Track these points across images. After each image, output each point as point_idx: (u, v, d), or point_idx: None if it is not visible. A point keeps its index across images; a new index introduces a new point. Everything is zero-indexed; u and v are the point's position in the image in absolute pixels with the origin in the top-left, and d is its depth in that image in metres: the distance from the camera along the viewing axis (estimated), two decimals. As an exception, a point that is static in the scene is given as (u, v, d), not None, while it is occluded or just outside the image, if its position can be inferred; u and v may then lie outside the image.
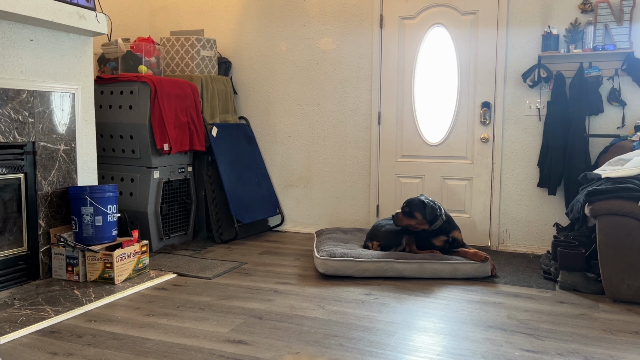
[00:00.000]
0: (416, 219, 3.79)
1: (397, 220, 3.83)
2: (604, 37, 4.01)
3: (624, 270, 3.13)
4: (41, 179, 3.50)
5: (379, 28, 4.75)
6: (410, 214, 3.80)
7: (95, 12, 3.64)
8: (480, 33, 4.45)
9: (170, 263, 3.97)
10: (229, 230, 4.76)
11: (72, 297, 3.18)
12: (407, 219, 3.81)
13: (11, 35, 3.28)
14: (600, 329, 2.77)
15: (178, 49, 4.87)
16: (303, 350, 2.50)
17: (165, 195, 4.44)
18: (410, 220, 3.80)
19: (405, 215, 3.81)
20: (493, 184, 4.51)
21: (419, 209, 3.79)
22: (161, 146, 4.27)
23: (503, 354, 2.47)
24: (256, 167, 5.13)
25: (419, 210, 3.78)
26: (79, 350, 2.49)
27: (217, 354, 2.45)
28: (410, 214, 3.80)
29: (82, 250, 3.48)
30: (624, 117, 4.09)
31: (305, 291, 3.37)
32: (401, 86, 4.75)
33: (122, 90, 4.32)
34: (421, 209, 3.78)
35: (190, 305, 3.11)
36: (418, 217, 3.78)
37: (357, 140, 4.92)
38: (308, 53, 5.02)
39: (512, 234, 4.49)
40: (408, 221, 3.81)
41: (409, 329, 2.79)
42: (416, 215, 3.78)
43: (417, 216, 3.78)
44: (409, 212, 3.80)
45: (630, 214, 3.09)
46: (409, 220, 3.80)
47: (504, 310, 3.05)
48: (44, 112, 3.50)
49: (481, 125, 4.51)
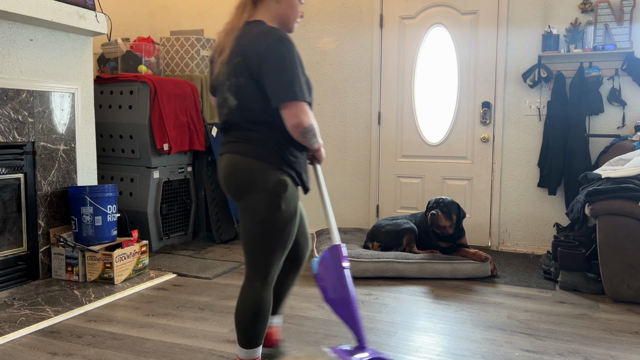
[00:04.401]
0: (451, 221, 3.70)
1: (438, 220, 3.67)
2: (604, 37, 4.01)
3: (624, 270, 3.13)
4: (41, 179, 3.50)
5: (379, 28, 4.75)
6: (449, 215, 3.69)
7: (95, 12, 3.64)
8: (481, 33, 4.45)
9: (170, 263, 3.97)
10: (229, 230, 4.76)
11: (72, 297, 3.18)
12: (445, 220, 3.69)
13: (11, 35, 3.28)
14: (600, 329, 2.77)
15: (178, 49, 4.87)
16: (303, 350, 2.50)
17: (165, 195, 4.44)
18: (447, 221, 3.69)
19: (445, 215, 3.69)
20: (493, 184, 4.51)
21: (455, 210, 3.69)
22: (161, 146, 4.27)
23: (503, 354, 2.47)
24: (256, 167, 5.11)
25: (455, 212, 3.69)
26: (79, 350, 2.48)
27: (217, 354, 2.45)
28: (449, 215, 3.69)
29: (81, 250, 3.48)
30: (624, 117, 4.08)
31: (305, 291, 3.37)
32: (401, 86, 4.74)
33: (121, 90, 4.32)
34: (456, 211, 3.70)
35: (190, 305, 3.10)
36: (454, 219, 3.70)
37: (357, 140, 4.92)
38: (308, 53, 5.02)
39: (512, 234, 4.49)
40: (445, 222, 3.69)
41: (409, 329, 2.78)
42: (453, 218, 3.69)
43: (453, 218, 3.69)
44: (449, 213, 3.68)
45: (630, 214, 3.09)
46: (446, 222, 3.69)
47: (504, 310, 3.05)
48: (44, 112, 3.50)
49: (481, 125, 4.51)
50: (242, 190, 1.91)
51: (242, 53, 1.87)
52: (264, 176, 1.88)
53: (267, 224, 1.89)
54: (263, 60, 1.82)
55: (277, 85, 1.82)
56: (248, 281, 1.96)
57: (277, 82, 1.81)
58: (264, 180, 1.88)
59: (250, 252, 1.94)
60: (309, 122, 1.85)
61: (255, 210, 1.89)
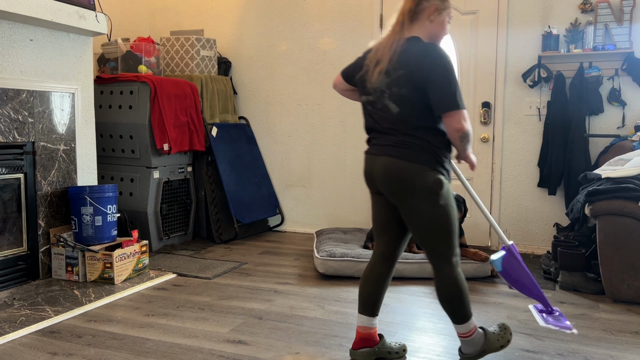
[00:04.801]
0: (460, 214, 3.74)
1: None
2: (604, 37, 4.01)
3: (624, 270, 3.13)
4: (41, 179, 3.50)
5: (379, 28, 4.75)
6: (460, 208, 3.71)
7: (95, 12, 3.64)
8: (480, 33, 4.45)
9: (170, 263, 3.97)
10: (229, 230, 4.76)
11: (72, 297, 3.18)
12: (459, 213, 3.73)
13: (11, 35, 3.28)
14: (600, 329, 2.77)
15: (178, 49, 4.87)
16: (303, 350, 2.50)
17: (165, 195, 4.44)
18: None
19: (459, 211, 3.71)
20: (493, 184, 4.51)
21: (463, 205, 3.72)
22: (161, 146, 4.27)
23: (503, 354, 2.47)
24: (256, 167, 5.12)
25: (463, 207, 3.73)
26: (79, 350, 2.48)
27: (217, 354, 2.45)
28: (460, 208, 3.71)
29: (81, 250, 3.48)
30: (624, 117, 4.08)
31: (305, 291, 3.37)
32: (401, 86, 4.74)
33: (122, 90, 4.32)
34: (463, 207, 3.74)
35: (190, 305, 3.10)
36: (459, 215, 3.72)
37: (357, 140, 4.92)
38: (308, 53, 5.02)
39: (512, 234, 4.49)
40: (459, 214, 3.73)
41: (409, 329, 2.78)
42: (463, 209, 3.74)
43: (461, 212, 3.74)
44: (459, 207, 3.70)
45: (630, 214, 3.09)
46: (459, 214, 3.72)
47: (504, 310, 3.05)
48: (44, 112, 3.50)
49: (481, 125, 4.51)
50: (404, 191, 2.15)
51: (406, 66, 2.11)
52: (423, 177, 2.12)
53: (433, 220, 2.15)
54: (430, 74, 2.07)
55: (442, 96, 2.06)
56: (438, 271, 2.21)
57: (442, 93, 2.06)
58: (423, 180, 2.12)
59: (428, 247, 2.20)
60: (468, 128, 2.11)
61: (420, 209, 2.15)
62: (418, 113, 2.12)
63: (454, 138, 2.12)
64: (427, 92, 2.09)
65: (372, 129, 2.28)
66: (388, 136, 2.19)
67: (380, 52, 2.20)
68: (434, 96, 2.08)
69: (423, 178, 2.11)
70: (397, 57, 2.14)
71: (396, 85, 2.13)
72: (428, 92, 2.08)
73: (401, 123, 2.15)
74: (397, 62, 2.13)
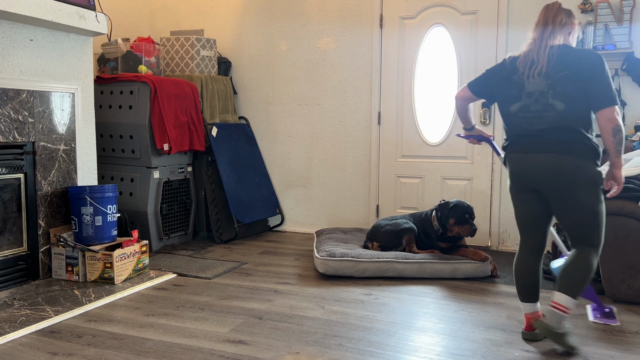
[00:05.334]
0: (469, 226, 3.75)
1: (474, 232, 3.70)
2: (604, 37, 4.01)
3: (624, 270, 3.13)
4: (41, 179, 3.50)
5: (379, 28, 4.75)
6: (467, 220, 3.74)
7: (95, 12, 3.64)
8: (480, 33, 4.45)
9: (170, 263, 3.97)
10: (229, 230, 4.76)
11: (72, 297, 3.18)
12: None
13: (11, 35, 3.28)
14: (600, 329, 2.77)
15: (178, 49, 4.87)
16: (303, 350, 2.50)
17: (165, 195, 4.44)
18: None
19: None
20: (493, 184, 4.51)
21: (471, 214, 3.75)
22: (161, 146, 4.27)
23: (503, 354, 2.47)
24: (256, 167, 5.13)
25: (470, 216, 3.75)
26: (79, 350, 2.48)
27: (217, 354, 2.45)
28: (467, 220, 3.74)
29: (82, 250, 3.48)
30: (624, 117, 4.08)
31: (305, 291, 3.37)
32: (401, 86, 4.74)
33: (122, 90, 4.32)
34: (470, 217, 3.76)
35: (190, 305, 3.11)
36: None
37: (357, 140, 4.92)
38: (308, 53, 5.02)
39: (512, 234, 4.49)
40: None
41: (409, 329, 2.79)
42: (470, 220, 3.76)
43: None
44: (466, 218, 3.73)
45: (630, 214, 3.09)
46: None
47: (504, 310, 3.05)
48: (44, 112, 3.50)
49: (481, 125, 4.51)
50: (570, 185, 2.39)
51: (568, 67, 2.40)
52: (587, 171, 2.38)
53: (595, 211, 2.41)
54: (592, 73, 2.37)
55: (602, 92, 2.35)
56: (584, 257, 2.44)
57: (602, 90, 2.35)
58: (589, 175, 2.38)
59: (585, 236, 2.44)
60: (620, 122, 2.37)
61: (584, 201, 2.39)
62: (580, 109, 2.39)
63: (606, 130, 2.35)
64: (588, 89, 2.36)
65: (521, 134, 2.50)
66: (551, 134, 2.41)
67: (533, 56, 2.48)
68: (593, 93, 2.36)
69: (588, 172, 2.37)
70: (555, 60, 2.42)
71: (560, 85, 2.40)
72: (589, 89, 2.36)
73: (568, 119, 2.39)
74: (556, 64, 2.41)
